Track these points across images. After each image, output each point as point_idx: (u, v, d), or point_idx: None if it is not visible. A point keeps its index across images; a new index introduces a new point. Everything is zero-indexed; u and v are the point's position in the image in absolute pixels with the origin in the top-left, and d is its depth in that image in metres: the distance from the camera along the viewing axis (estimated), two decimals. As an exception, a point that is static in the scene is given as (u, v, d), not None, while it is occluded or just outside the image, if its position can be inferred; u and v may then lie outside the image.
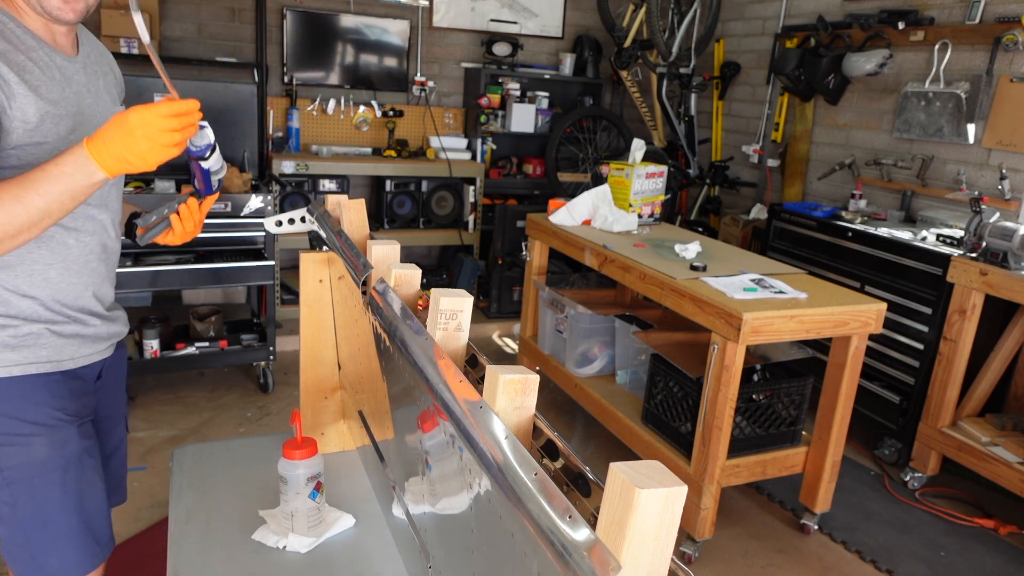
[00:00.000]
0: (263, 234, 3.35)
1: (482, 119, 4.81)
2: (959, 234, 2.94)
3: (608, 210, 3.13)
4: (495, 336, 4.40)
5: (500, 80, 4.89)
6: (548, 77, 5.06)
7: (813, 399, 2.53)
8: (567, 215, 3.15)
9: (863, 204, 3.59)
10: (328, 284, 1.50)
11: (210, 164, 1.23)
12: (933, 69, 3.37)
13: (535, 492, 0.63)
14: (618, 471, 0.54)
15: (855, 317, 2.29)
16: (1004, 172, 3.05)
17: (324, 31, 4.43)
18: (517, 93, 4.90)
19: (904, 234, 3.10)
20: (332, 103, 4.56)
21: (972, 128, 3.22)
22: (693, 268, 2.53)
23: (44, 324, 1.23)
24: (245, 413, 3.25)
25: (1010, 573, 2.48)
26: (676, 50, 4.31)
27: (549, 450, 0.73)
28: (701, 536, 2.37)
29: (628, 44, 4.43)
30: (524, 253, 3.53)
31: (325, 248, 1.46)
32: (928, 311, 2.90)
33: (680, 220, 4.66)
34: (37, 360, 1.23)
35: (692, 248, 2.73)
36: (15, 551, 1.24)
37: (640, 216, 3.26)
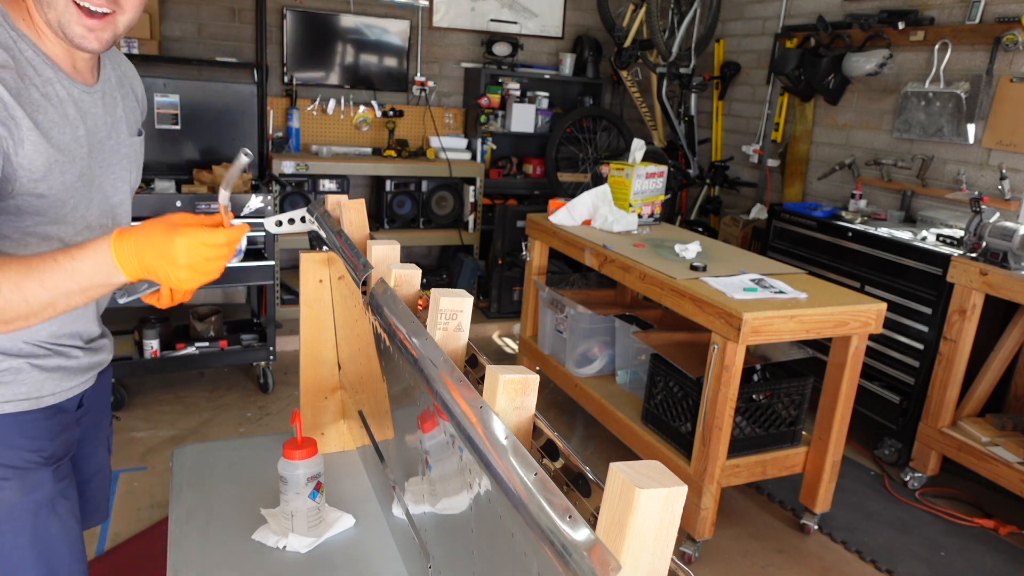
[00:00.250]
0: (263, 234, 3.35)
1: (482, 119, 4.81)
2: (959, 234, 2.94)
3: (608, 210, 3.13)
4: (495, 336, 4.40)
5: (500, 80, 4.89)
6: (548, 77, 5.06)
7: (813, 399, 2.53)
8: (567, 215, 3.15)
9: (863, 204, 3.59)
10: (328, 284, 1.49)
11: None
12: (933, 69, 3.37)
13: (535, 492, 0.63)
14: (618, 471, 0.54)
15: (855, 317, 2.29)
16: (1004, 172, 3.05)
17: (324, 31, 4.43)
18: (517, 93, 4.90)
19: (904, 234, 3.10)
20: (332, 103, 4.56)
21: (972, 128, 3.22)
22: (693, 268, 2.53)
23: (25, 359, 1.14)
24: (245, 413, 3.25)
25: (1010, 573, 2.48)
26: (676, 50, 4.31)
27: (549, 450, 0.73)
28: (701, 536, 2.37)
29: (628, 44, 4.43)
30: (524, 253, 3.53)
31: (325, 248, 1.46)
32: (928, 311, 2.90)
33: (680, 220, 4.66)
34: (15, 397, 1.13)
35: (692, 248, 2.73)
36: None
37: (640, 216, 3.26)
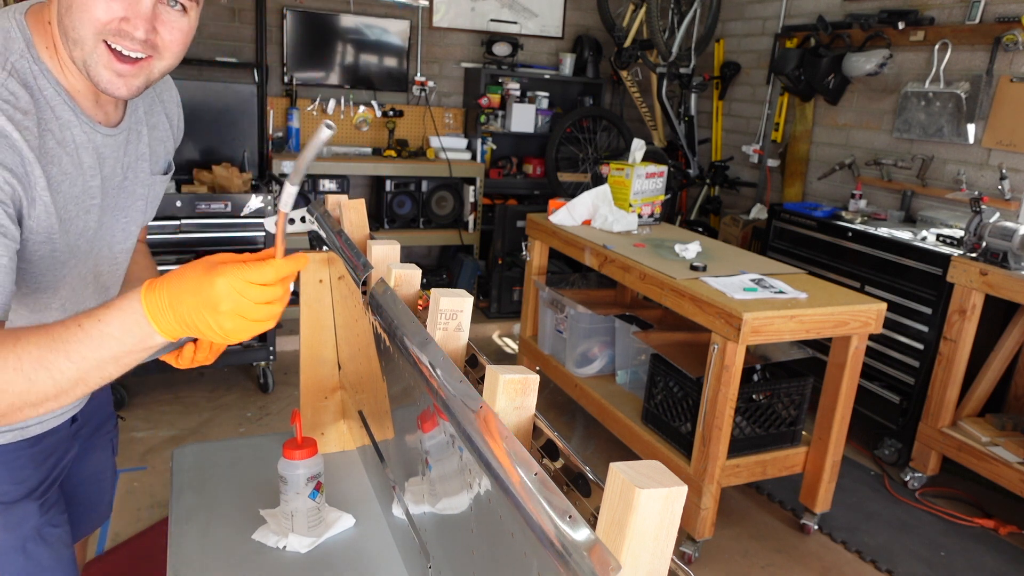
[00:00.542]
0: (263, 234, 3.35)
1: (482, 119, 4.81)
2: (959, 234, 2.94)
3: (608, 210, 3.13)
4: (495, 336, 4.40)
5: (500, 80, 4.89)
6: (548, 77, 5.06)
7: (813, 399, 2.53)
8: (567, 215, 3.15)
9: (863, 204, 3.59)
10: (328, 284, 1.49)
11: None
12: (933, 69, 3.37)
13: (535, 492, 0.63)
14: (618, 471, 0.54)
15: (855, 317, 2.29)
16: (1004, 172, 3.05)
17: (324, 31, 4.43)
18: (517, 93, 4.90)
19: (904, 234, 3.10)
20: (332, 103, 4.56)
21: (972, 128, 3.22)
22: (693, 268, 2.53)
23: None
24: (245, 413, 3.25)
25: (1010, 573, 2.48)
26: (676, 50, 4.31)
27: (549, 450, 0.73)
28: (701, 536, 2.37)
29: (628, 44, 4.43)
30: (524, 253, 3.53)
31: (325, 248, 1.46)
32: (928, 311, 2.89)
33: (680, 220, 4.66)
34: None
35: (692, 248, 2.73)
36: None
37: (640, 216, 3.26)
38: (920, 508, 2.82)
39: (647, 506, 0.52)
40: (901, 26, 3.45)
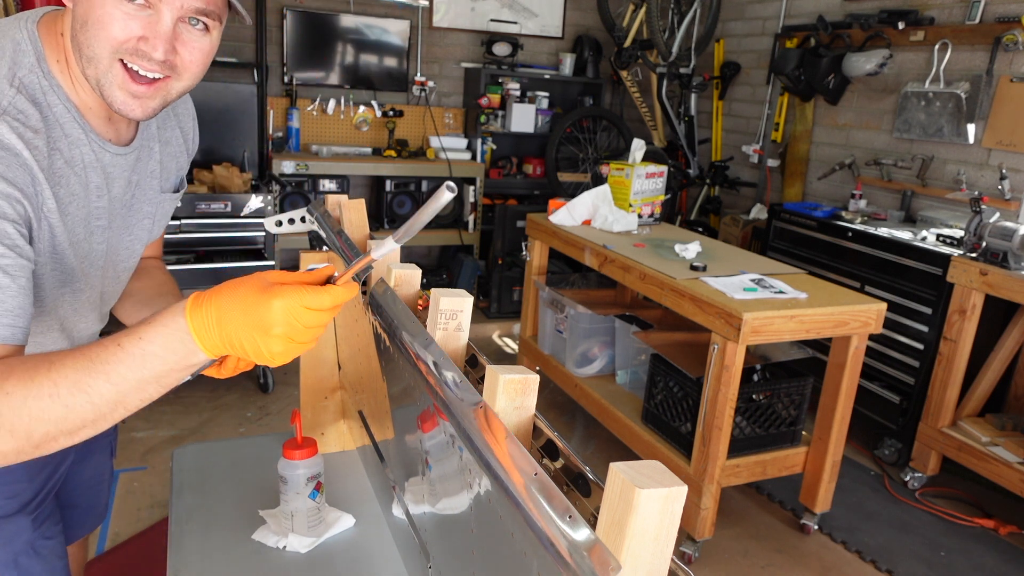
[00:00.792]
0: (263, 234, 3.35)
1: (482, 119, 4.81)
2: (959, 234, 2.94)
3: (608, 210, 3.13)
4: (495, 336, 4.40)
5: (500, 80, 4.89)
6: (548, 77, 5.06)
7: (813, 399, 2.52)
8: (567, 215, 3.15)
9: (863, 204, 3.59)
10: (328, 284, 1.49)
11: None
12: (933, 69, 3.37)
13: (535, 492, 0.63)
14: (618, 471, 0.54)
15: (855, 317, 2.29)
16: (1004, 172, 3.05)
17: (324, 31, 4.43)
18: (517, 93, 4.90)
19: (904, 234, 3.10)
20: (332, 103, 4.56)
21: (972, 128, 3.22)
22: (693, 268, 2.53)
23: None
24: (245, 413, 3.25)
25: (1010, 573, 2.48)
26: (676, 50, 4.31)
27: (549, 450, 0.73)
28: (701, 536, 2.37)
29: (628, 44, 4.43)
30: (524, 253, 3.53)
31: (325, 248, 1.46)
32: (928, 311, 2.90)
33: (680, 220, 4.66)
34: None
35: (692, 248, 2.73)
36: None
37: (640, 216, 3.26)
38: (920, 508, 2.82)
39: (647, 506, 0.52)
40: (901, 26, 3.45)
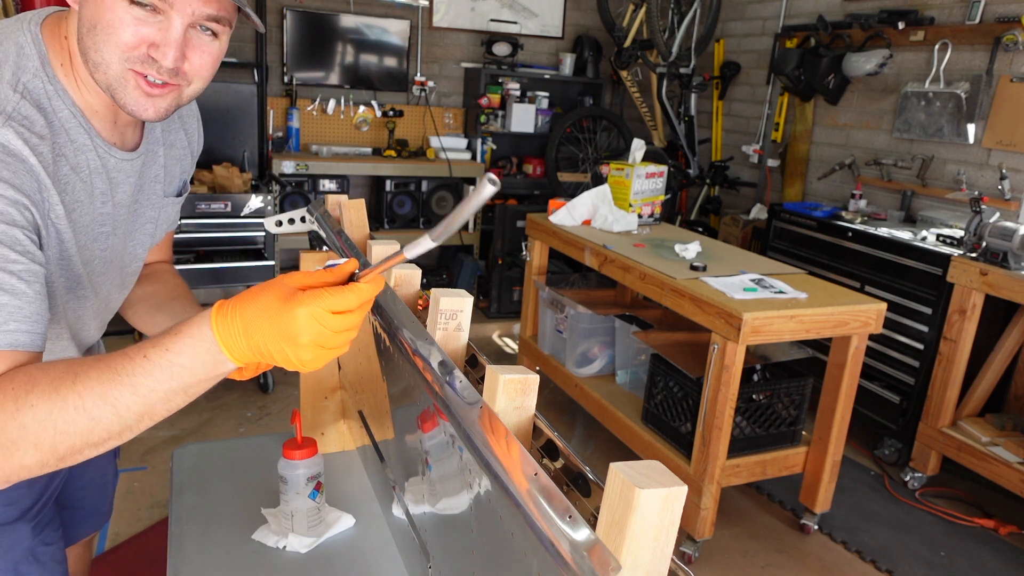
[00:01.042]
0: (263, 234, 3.35)
1: (482, 119, 4.81)
2: (959, 234, 2.94)
3: (608, 210, 3.13)
4: (495, 336, 4.40)
5: (500, 80, 4.89)
6: (548, 77, 5.06)
7: (813, 399, 2.53)
8: (567, 215, 3.15)
9: (863, 204, 3.59)
10: (328, 284, 1.49)
11: None
12: (933, 69, 3.37)
13: (535, 492, 0.63)
14: (618, 471, 0.54)
15: (855, 317, 2.29)
16: (1004, 172, 3.05)
17: (324, 31, 4.43)
18: (517, 93, 4.90)
19: (904, 234, 3.10)
20: (332, 103, 4.56)
21: (972, 128, 3.22)
22: (693, 268, 2.53)
23: None
24: (245, 413, 3.25)
25: (1010, 573, 2.48)
26: (676, 50, 4.31)
27: (549, 450, 0.73)
28: (701, 536, 2.37)
29: (628, 44, 4.43)
30: (524, 253, 3.53)
31: (325, 248, 1.46)
32: (928, 311, 2.90)
33: (680, 220, 4.66)
34: None
35: (692, 248, 2.73)
36: None
37: (640, 216, 3.26)
38: (920, 508, 2.82)
39: (647, 506, 0.52)
40: (901, 26, 3.45)
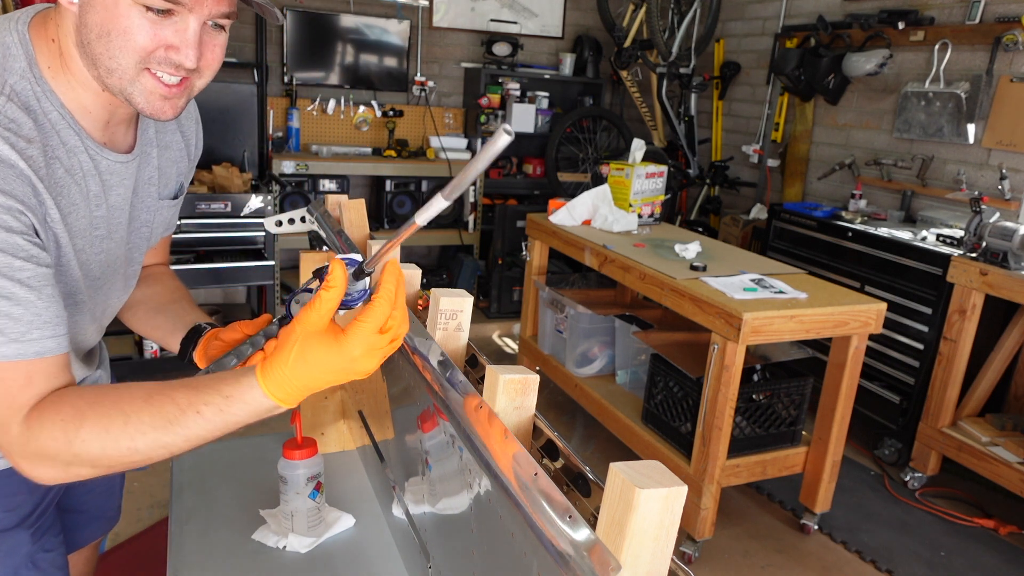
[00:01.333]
0: (263, 234, 3.35)
1: (482, 119, 4.81)
2: (959, 234, 2.94)
3: (608, 210, 3.13)
4: (495, 336, 4.40)
5: (500, 80, 4.89)
6: (548, 77, 5.06)
7: (813, 399, 2.53)
8: (567, 215, 3.15)
9: (863, 204, 3.59)
10: (328, 284, 1.49)
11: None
12: (933, 69, 3.37)
13: (535, 492, 0.63)
14: (618, 471, 0.54)
15: (855, 317, 2.29)
16: (1004, 172, 3.05)
17: (324, 31, 4.43)
18: (517, 93, 4.90)
19: (904, 234, 3.10)
20: (332, 103, 4.56)
21: (972, 128, 3.22)
22: (693, 268, 2.53)
23: None
24: (245, 413, 3.25)
25: (1010, 573, 2.48)
26: (676, 50, 4.31)
27: (549, 450, 0.73)
28: (701, 536, 2.37)
29: (628, 44, 4.43)
30: (524, 253, 3.53)
31: (325, 248, 1.46)
32: (928, 311, 2.90)
33: (680, 220, 4.66)
34: None
35: (692, 248, 2.73)
36: None
37: (640, 216, 3.26)
38: (920, 508, 2.82)
39: (647, 506, 0.52)
40: (901, 26, 3.45)
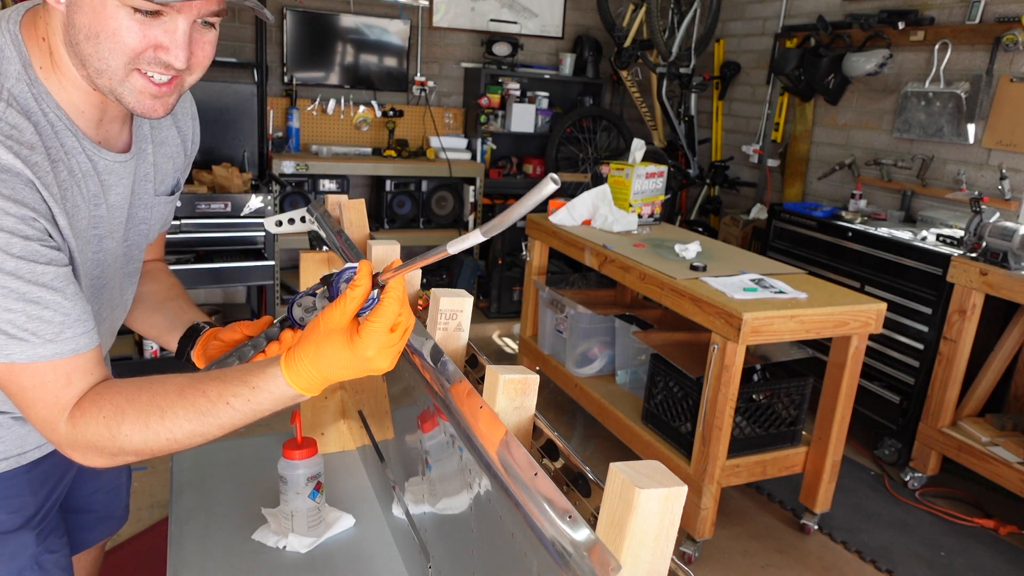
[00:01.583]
0: (263, 234, 3.35)
1: (482, 119, 4.81)
2: (959, 234, 2.94)
3: (608, 210, 3.13)
4: (495, 336, 4.40)
5: (500, 80, 4.89)
6: (548, 77, 5.06)
7: (813, 399, 2.52)
8: (567, 215, 3.15)
9: (863, 204, 3.59)
10: (328, 284, 1.49)
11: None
12: (933, 69, 3.37)
13: (535, 492, 0.63)
14: (618, 471, 0.54)
15: (855, 317, 2.29)
16: (1004, 172, 3.05)
17: (324, 31, 4.43)
18: (517, 93, 4.90)
19: (904, 234, 3.10)
20: (332, 103, 4.56)
21: (972, 128, 3.22)
22: (693, 268, 2.53)
23: (5, 413, 1.02)
24: (245, 413, 3.25)
25: (1010, 573, 2.48)
26: (676, 50, 4.31)
27: (549, 450, 0.73)
28: (701, 536, 2.37)
29: (628, 44, 4.43)
30: (524, 253, 3.53)
31: (325, 248, 1.46)
32: (928, 311, 2.89)
33: (680, 220, 4.66)
34: None
35: (692, 248, 2.73)
36: None
37: (640, 216, 3.26)
38: (920, 508, 2.82)
39: (647, 506, 0.52)
40: (901, 26, 3.45)
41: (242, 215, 3.25)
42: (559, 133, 4.76)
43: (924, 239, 3.03)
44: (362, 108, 4.63)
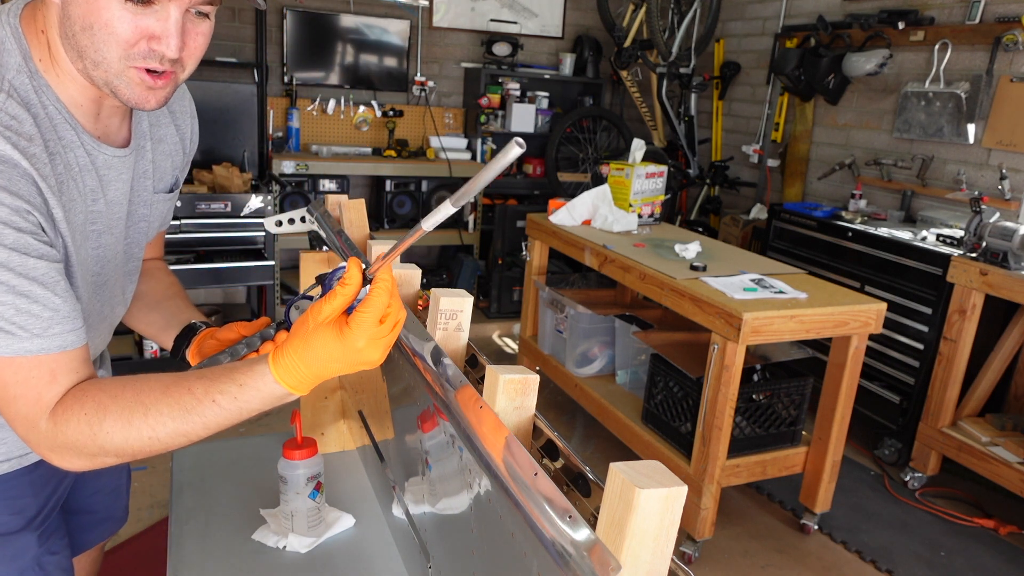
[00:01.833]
0: (263, 234, 3.35)
1: (482, 119, 4.81)
2: (959, 234, 2.94)
3: (608, 210, 3.13)
4: (495, 336, 4.40)
5: (500, 80, 4.89)
6: (548, 77, 5.06)
7: (813, 399, 2.53)
8: (567, 215, 3.15)
9: (863, 204, 3.59)
10: (328, 284, 1.49)
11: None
12: (933, 69, 3.37)
13: (535, 492, 0.63)
14: (618, 471, 0.54)
15: (855, 317, 2.29)
16: (1004, 172, 3.05)
17: (324, 31, 4.43)
18: (517, 93, 4.90)
19: (904, 234, 3.10)
20: (332, 103, 4.56)
21: (972, 128, 3.22)
22: (693, 268, 2.53)
23: None
24: (245, 413, 3.24)
25: (1010, 573, 2.48)
26: (676, 50, 4.31)
27: (549, 450, 0.73)
28: (701, 536, 2.37)
29: (628, 44, 4.43)
30: (524, 253, 3.53)
31: (325, 248, 1.46)
32: (928, 311, 2.90)
33: (680, 220, 4.66)
34: None
35: (692, 248, 2.73)
36: None
37: (640, 216, 3.26)
38: (920, 508, 2.82)
39: (647, 506, 0.52)
40: (901, 26, 3.45)
41: (242, 215, 3.25)
42: (559, 133, 4.76)
43: (924, 239, 3.03)
44: (362, 108, 4.63)
